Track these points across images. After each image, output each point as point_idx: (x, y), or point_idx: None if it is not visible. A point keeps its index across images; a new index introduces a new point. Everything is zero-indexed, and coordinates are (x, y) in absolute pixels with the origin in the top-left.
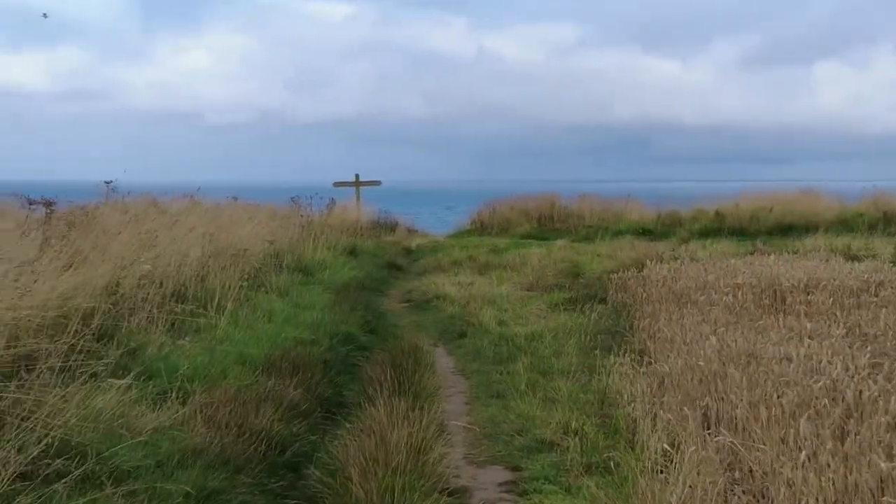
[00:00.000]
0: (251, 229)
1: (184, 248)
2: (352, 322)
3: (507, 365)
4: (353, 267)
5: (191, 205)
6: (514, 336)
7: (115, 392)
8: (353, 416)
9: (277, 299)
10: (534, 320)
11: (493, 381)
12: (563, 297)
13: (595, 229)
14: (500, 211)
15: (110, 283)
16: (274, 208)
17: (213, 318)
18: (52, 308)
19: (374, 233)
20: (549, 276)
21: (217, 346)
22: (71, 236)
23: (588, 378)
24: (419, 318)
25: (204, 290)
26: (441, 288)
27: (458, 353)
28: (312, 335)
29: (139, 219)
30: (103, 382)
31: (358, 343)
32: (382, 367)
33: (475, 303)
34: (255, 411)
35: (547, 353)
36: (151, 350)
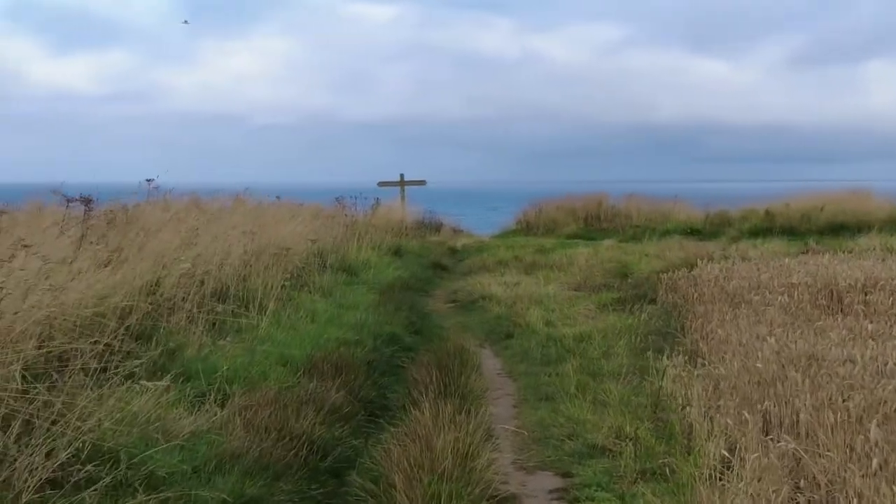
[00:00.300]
0: (294, 228)
1: (225, 247)
2: (396, 323)
3: (556, 366)
4: (397, 267)
5: (234, 204)
6: (562, 337)
7: (151, 394)
8: (397, 419)
9: (321, 299)
10: (582, 321)
11: (542, 383)
12: (611, 297)
13: (642, 229)
14: (547, 211)
15: (150, 281)
16: (318, 208)
17: (255, 319)
18: (88, 307)
19: (419, 233)
20: (596, 276)
21: (258, 346)
22: (109, 234)
23: (639, 380)
24: (465, 318)
25: (245, 289)
26: (487, 288)
27: (504, 354)
28: (356, 336)
29: (180, 217)
30: (139, 384)
31: (402, 344)
32: (428, 369)
33: (522, 303)
34: (296, 414)
35: (596, 354)
36: (190, 351)
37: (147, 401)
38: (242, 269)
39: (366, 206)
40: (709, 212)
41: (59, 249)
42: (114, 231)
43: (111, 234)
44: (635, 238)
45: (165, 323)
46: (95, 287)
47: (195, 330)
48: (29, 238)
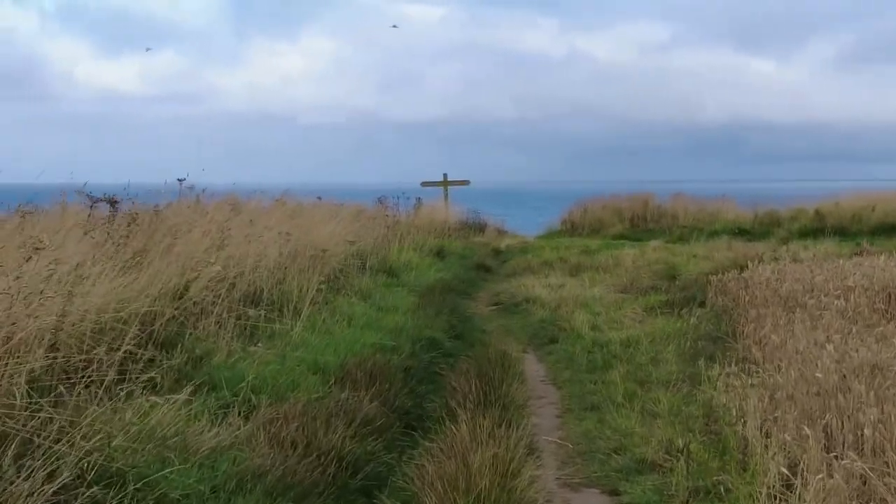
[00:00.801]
0: (332, 229)
1: (260, 249)
2: (436, 327)
3: (602, 373)
4: (439, 268)
5: (272, 204)
6: (608, 342)
7: (170, 407)
8: (434, 431)
9: (359, 302)
10: (629, 325)
11: (587, 391)
12: (659, 299)
13: (689, 229)
14: (592, 211)
15: (177, 285)
16: (359, 208)
17: (289, 323)
18: (107, 312)
19: (462, 233)
20: (643, 278)
21: (291, 352)
22: (134, 235)
23: (690, 388)
24: (508, 322)
25: (280, 292)
26: (531, 290)
27: (548, 360)
28: (394, 341)
29: (212, 218)
30: (160, 396)
31: (442, 349)
32: (467, 377)
33: (566, 306)
34: (326, 427)
35: (644, 360)
36: (218, 358)
37: (166, 414)
38: (277, 272)
39: (408, 206)
40: (757, 212)
41: (79, 252)
42: (139, 232)
43: (136, 236)
44: (682, 238)
45: (192, 329)
46: (115, 291)
47: (224, 336)
48: (49, 240)
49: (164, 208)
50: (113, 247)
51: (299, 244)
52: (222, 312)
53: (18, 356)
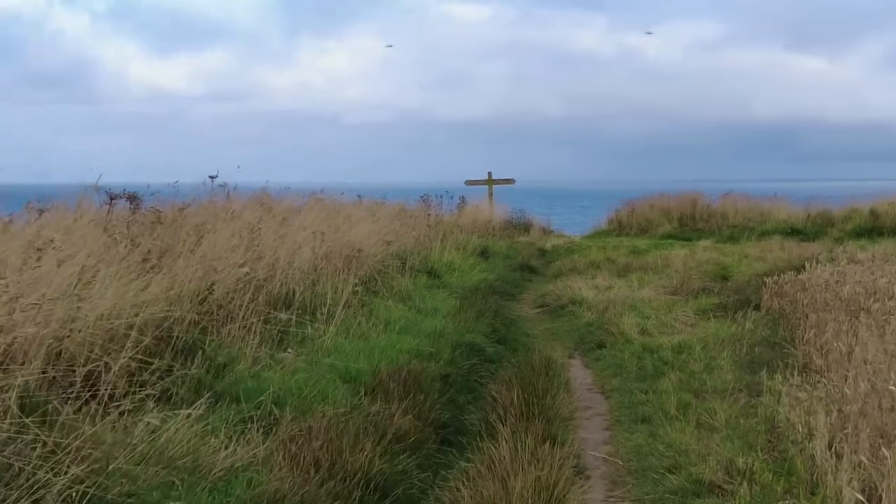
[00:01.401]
0: (370, 228)
1: (292, 249)
2: (478, 330)
3: (653, 382)
4: (483, 269)
5: (308, 202)
6: (658, 347)
7: (183, 422)
8: (473, 446)
9: (397, 305)
10: (680, 329)
11: (637, 401)
12: (711, 302)
13: (740, 229)
14: (640, 210)
15: (199, 287)
16: (401, 207)
17: (321, 328)
18: (120, 318)
19: (507, 233)
20: (694, 280)
21: (321, 359)
22: (157, 234)
23: (748, 399)
24: (553, 325)
25: (313, 294)
26: (577, 292)
27: (596, 366)
28: (432, 347)
29: (242, 217)
30: (174, 409)
31: (484, 355)
32: (509, 387)
33: (614, 308)
34: (353, 444)
35: (698, 367)
36: (242, 366)
37: (178, 430)
38: (310, 273)
39: (452, 205)
40: (810, 211)
41: (93, 252)
42: (161, 231)
43: (158, 235)
44: (733, 238)
45: (216, 334)
46: (129, 295)
47: (251, 342)
48: (60, 240)
49: (193, 206)
50: (130, 246)
51: (335, 244)
52: (249, 316)
53: (6, 368)
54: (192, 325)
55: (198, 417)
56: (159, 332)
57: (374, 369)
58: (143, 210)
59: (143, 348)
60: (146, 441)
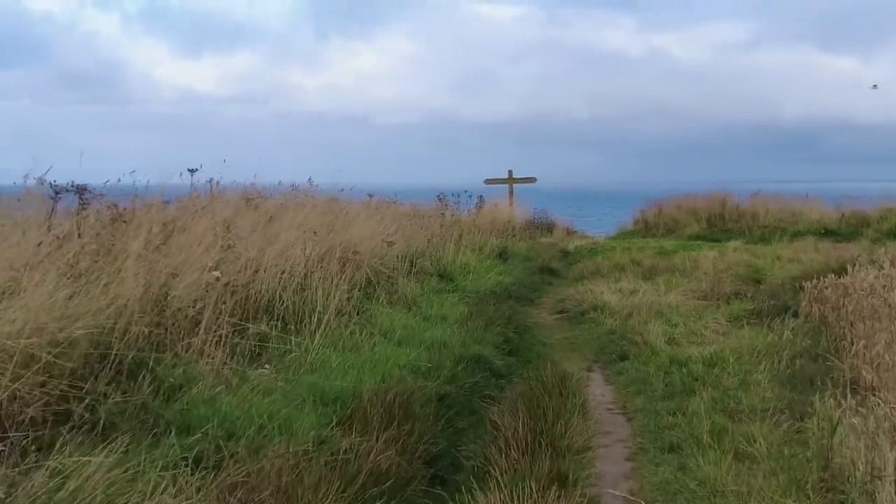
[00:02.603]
0: (373, 229)
1: (280, 250)
2: (487, 340)
3: (682, 400)
4: (500, 271)
5: (301, 200)
6: (688, 359)
7: (102, 464)
8: (468, 485)
9: (400, 312)
10: (711, 338)
11: (664, 424)
12: (744, 308)
13: (771, 230)
14: (667, 210)
15: (157, 294)
16: (415, 207)
17: (307, 339)
18: (39, 336)
19: (528, 233)
20: (725, 283)
21: (303, 377)
22: (111, 234)
23: (791, 422)
24: (572, 333)
25: (303, 301)
26: (599, 296)
27: (617, 381)
28: (433, 360)
29: (214, 212)
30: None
31: (492, 368)
32: (514, 412)
33: (639, 315)
34: (314, 493)
35: (732, 383)
36: (198, 388)
37: (94, 474)
38: (298, 277)
39: (470, 205)
40: (843, 211)
41: (18, 255)
42: (112, 230)
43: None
44: (763, 239)
45: (175, 350)
46: (57, 305)
47: (217, 357)
48: None
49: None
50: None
51: (330, 245)
52: (218, 328)
53: None
54: (142, 340)
55: (125, 457)
56: (93, 350)
57: (354, 391)
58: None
59: (71, 371)
60: (45, 492)
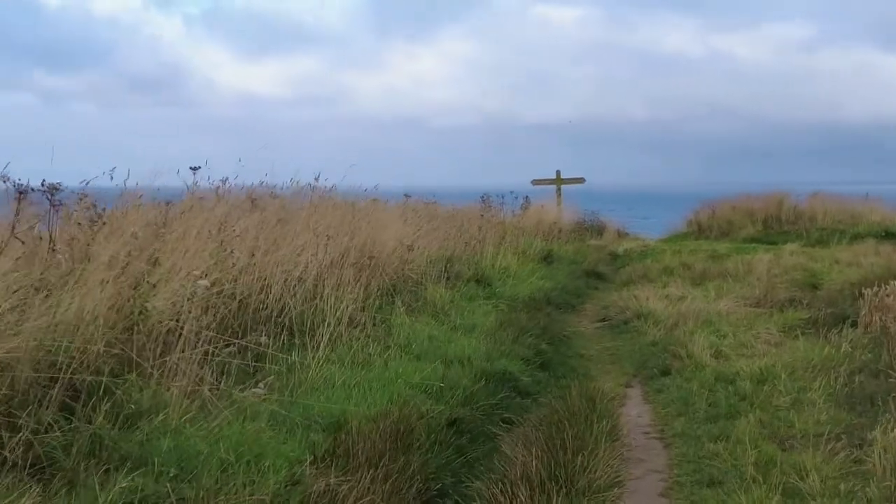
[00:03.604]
0: (400, 232)
1: (287, 255)
2: (515, 353)
3: (726, 424)
4: (542, 276)
5: (316, 201)
6: (735, 375)
7: None
8: None
9: (425, 321)
10: (762, 350)
11: (705, 453)
12: (799, 317)
13: (829, 232)
14: (721, 212)
15: (132, 306)
16: (454, 208)
17: (312, 354)
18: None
19: (576, 235)
20: (779, 289)
21: (302, 398)
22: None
23: (849, 451)
24: (613, 343)
25: (314, 310)
26: (644, 303)
27: (657, 400)
28: (453, 377)
29: (210, 211)
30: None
31: (517, 386)
32: (530, 439)
33: (685, 324)
34: None
35: (783, 403)
36: (165, 416)
37: None
38: (311, 284)
39: (516, 205)
40: None
41: None
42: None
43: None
44: (821, 242)
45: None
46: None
47: (199, 376)
48: None
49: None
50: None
51: (347, 248)
52: (205, 342)
53: None
54: (107, 359)
55: (57, 501)
56: (38, 373)
57: (362, 412)
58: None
59: (7, 398)
60: None
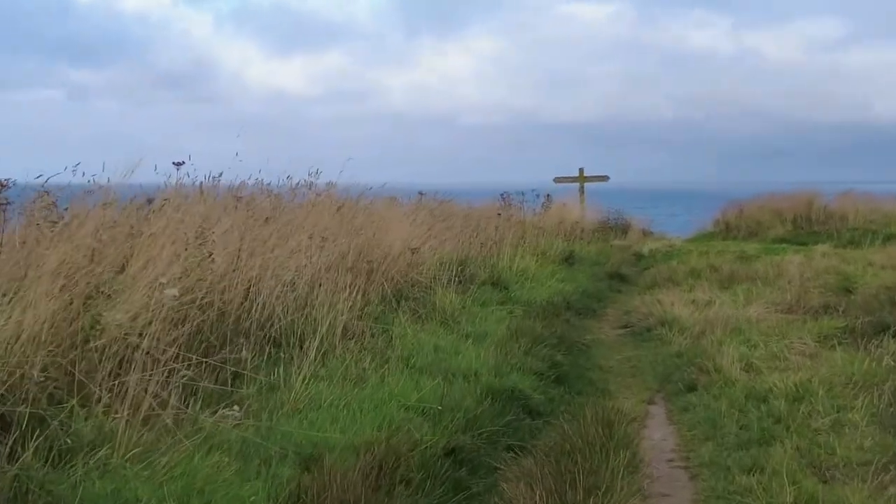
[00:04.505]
0: (408, 232)
1: (280, 260)
2: (527, 366)
3: (760, 451)
4: (562, 278)
5: (313, 199)
6: (768, 393)
7: None
8: None
9: (432, 329)
10: (796, 362)
11: (736, 487)
12: (834, 325)
13: (861, 232)
14: (749, 211)
15: (81, 322)
16: (469, 207)
17: (296, 369)
18: None
19: (600, 235)
20: (812, 293)
21: (281, 424)
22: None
23: None
24: (635, 353)
25: (305, 319)
26: (669, 308)
27: (682, 420)
28: (453, 396)
29: (188, 213)
30: None
31: (527, 405)
32: (535, 477)
33: (713, 332)
34: None
35: (822, 425)
36: (107, 451)
37: None
38: (304, 291)
39: (537, 204)
40: None
41: None
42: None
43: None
44: (853, 243)
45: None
46: None
47: (163, 399)
48: None
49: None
50: None
51: (344, 251)
52: (172, 360)
53: None
54: (46, 385)
55: None
56: None
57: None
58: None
59: None
60: None
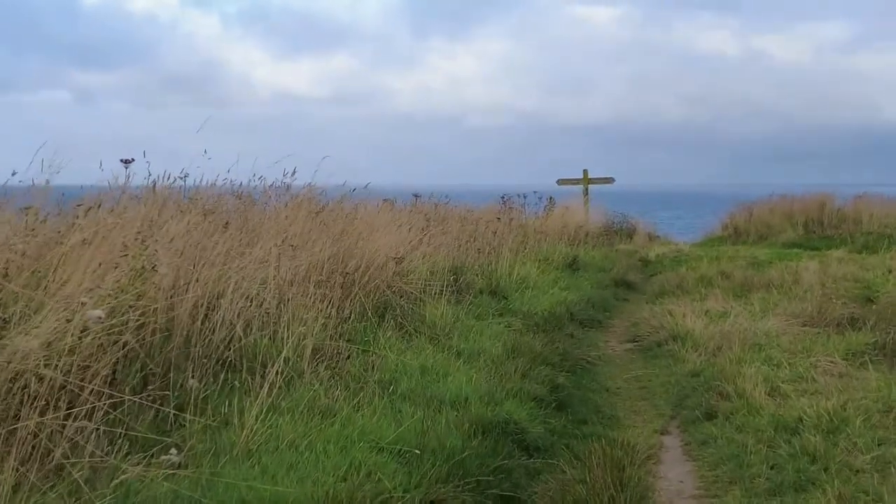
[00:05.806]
0: (396, 239)
1: (241, 270)
2: (526, 391)
3: (796, 500)
4: (566, 286)
5: (290, 203)
6: (798, 422)
7: None
8: None
9: (420, 346)
10: (825, 384)
11: None
12: (862, 340)
13: (876, 236)
14: (759, 214)
15: None
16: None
17: (251, 403)
18: None
19: (604, 239)
20: (835, 304)
21: (224, 469)
22: None
23: None
24: (645, 371)
25: (271, 339)
26: (681, 320)
27: (702, 456)
28: (436, 434)
29: (125, 217)
30: None
31: (524, 440)
32: None
33: (731, 349)
34: None
35: (864, 464)
36: None
37: None
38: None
39: (539, 207)
40: None
41: None
42: None
43: None
44: (868, 247)
45: None
46: None
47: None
48: None
49: None
50: None
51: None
52: (96, 395)
53: None
54: None
55: None
56: None
57: (304, 495)
58: None
59: None
60: None
